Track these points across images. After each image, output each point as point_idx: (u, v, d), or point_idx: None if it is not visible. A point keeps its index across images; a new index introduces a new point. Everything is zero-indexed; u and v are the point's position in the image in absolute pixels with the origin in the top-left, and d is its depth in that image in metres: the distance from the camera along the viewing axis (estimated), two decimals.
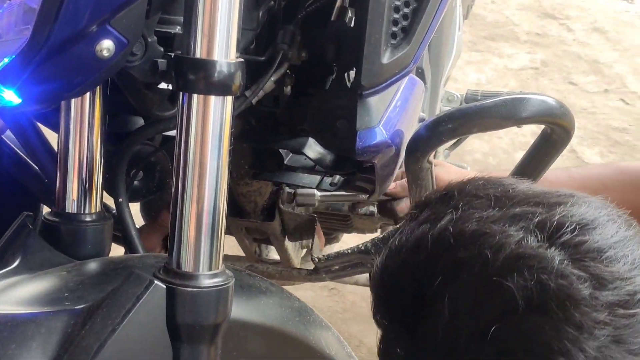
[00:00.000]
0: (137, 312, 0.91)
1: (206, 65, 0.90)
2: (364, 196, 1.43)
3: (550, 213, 0.81)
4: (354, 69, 1.15)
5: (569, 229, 0.79)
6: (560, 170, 1.53)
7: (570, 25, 4.64)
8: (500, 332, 0.75)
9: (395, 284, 0.87)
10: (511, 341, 0.76)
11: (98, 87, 1.09)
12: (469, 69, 4.16)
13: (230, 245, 1.91)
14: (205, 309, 0.94)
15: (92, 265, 1.05)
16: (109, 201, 1.20)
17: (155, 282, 0.93)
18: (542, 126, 1.25)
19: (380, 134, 1.14)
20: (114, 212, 1.22)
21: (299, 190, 1.53)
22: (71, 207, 1.12)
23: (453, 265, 0.81)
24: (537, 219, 0.81)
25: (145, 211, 1.56)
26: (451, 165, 1.69)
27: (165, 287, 0.93)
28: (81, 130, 1.10)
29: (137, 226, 1.26)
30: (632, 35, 4.55)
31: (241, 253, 1.87)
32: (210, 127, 0.92)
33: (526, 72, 4.15)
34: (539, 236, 0.79)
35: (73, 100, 1.09)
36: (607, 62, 4.25)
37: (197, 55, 0.90)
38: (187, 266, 0.95)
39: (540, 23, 4.66)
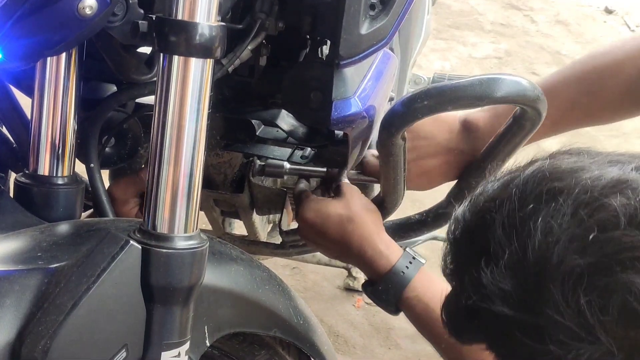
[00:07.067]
0: (112, 272, 0.92)
1: (188, 27, 0.90)
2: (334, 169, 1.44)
3: None
4: (329, 42, 1.16)
5: None
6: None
7: (533, 17, 4.70)
8: (598, 241, 0.74)
9: (480, 221, 0.85)
10: (609, 254, 0.74)
11: (74, 51, 1.10)
12: (434, 56, 4.19)
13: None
14: (180, 270, 0.95)
15: (65, 227, 1.06)
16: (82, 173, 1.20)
17: (131, 242, 0.94)
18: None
19: (356, 105, 1.15)
20: (84, 180, 1.22)
21: (269, 161, 1.54)
22: (43, 169, 1.12)
23: (548, 192, 0.79)
24: (634, 164, 0.80)
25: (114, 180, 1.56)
26: None
27: (140, 247, 0.94)
28: (56, 93, 1.11)
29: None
30: (593, 28, 4.62)
31: (208, 227, 1.87)
32: (189, 89, 0.93)
33: (490, 61, 4.20)
34: None
35: (49, 62, 1.09)
36: (569, 54, 4.31)
37: (179, 17, 0.90)
38: (162, 228, 0.96)
39: (504, 13, 4.71)
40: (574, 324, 0.76)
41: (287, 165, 1.48)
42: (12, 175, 1.22)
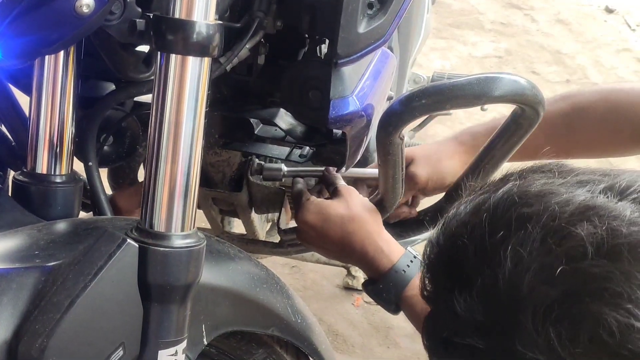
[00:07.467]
0: (109, 270, 0.92)
1: (185, 26, 0.90)
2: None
3: (617, 178, 0.80)
4: (328, 40, 1.16)
5: (638, 188, 0.78)
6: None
7: (534, 16, 4.70)
8: (567, 274, 0.74)
9: (452, 246, 0.84)
10: (578, 284, 0.73)
11: (72, 49, 1.09)
12: (434, 55, 4.19)
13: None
14: (177, 269, 0.95)
15: (63, 225, 1.05)
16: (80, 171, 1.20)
17: (128, 240, 0.93)
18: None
19: (354, 104, 1.15)
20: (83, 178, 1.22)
21: (266, 165, 1.54)
22: (42, 167, 1.12)
23: (518, 219, 0.78)
24: (603, 185, 0.79)
25: (112, 179, 1.56)
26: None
27: (137, 246, 0.94)
28: (54, 91, 1.10)
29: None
30: (594, 28, 4.62)
31: (207, 226, 1.87)
32: (187, 87, 0.92)
33: (490, 60, 4.20)
34: (608, 195, 0.78)
35: (47, 61, 1.09)
36: (570, 53, 4.31)
37: (177, 16, 0.90)
38: (159, 226, 0.96)
39: (505, 13, 4.71)
40: (545, 357, 0.75)
41: (284, 168, 1.48)
42: (11, 174, 1.22)
